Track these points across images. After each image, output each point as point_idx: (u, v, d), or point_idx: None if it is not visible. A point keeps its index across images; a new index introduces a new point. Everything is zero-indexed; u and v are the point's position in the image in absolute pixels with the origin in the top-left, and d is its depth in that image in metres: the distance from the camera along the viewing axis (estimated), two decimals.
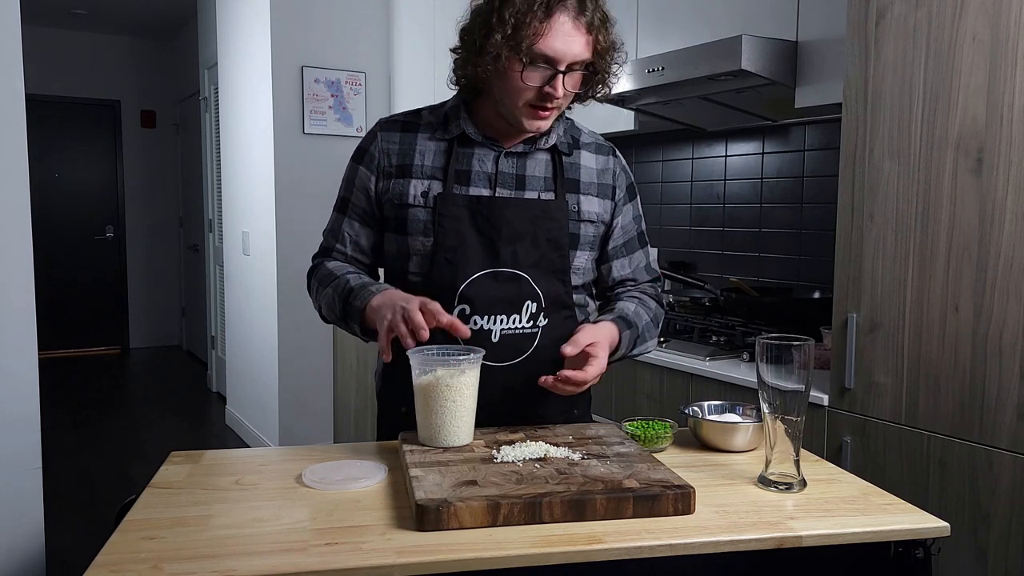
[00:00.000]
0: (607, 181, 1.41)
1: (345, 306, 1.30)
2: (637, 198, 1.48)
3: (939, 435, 1.59)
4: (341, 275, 1.35)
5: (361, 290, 1.29)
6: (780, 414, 1.06)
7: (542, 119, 1.28)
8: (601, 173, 1.41)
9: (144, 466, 3.87)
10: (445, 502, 0.93)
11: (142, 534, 0.92)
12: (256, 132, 4.01)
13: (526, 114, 1.27)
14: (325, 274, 1.38)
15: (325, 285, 1.36)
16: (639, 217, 1.48)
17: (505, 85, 1.26)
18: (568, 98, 1.30)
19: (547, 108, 1.26)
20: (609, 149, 1.45)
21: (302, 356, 3.88)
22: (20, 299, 2.20)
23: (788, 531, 0.94)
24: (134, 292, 7.10)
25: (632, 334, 1.35)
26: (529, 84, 1.24)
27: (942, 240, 1.57)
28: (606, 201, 1.40)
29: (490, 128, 1.34)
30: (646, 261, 1.49)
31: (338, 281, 1.33)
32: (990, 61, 1.48)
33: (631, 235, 1.46)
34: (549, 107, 1.26)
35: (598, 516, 0.96)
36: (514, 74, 1.23)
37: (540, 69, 1.23)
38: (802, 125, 2.50)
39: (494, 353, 1.30)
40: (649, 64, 2.28)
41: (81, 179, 6.83)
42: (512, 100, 1.26)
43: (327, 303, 1.35)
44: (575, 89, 1.29)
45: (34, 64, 5.64)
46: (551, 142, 1.36)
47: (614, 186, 1.42)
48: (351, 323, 1.30)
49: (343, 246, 1.40)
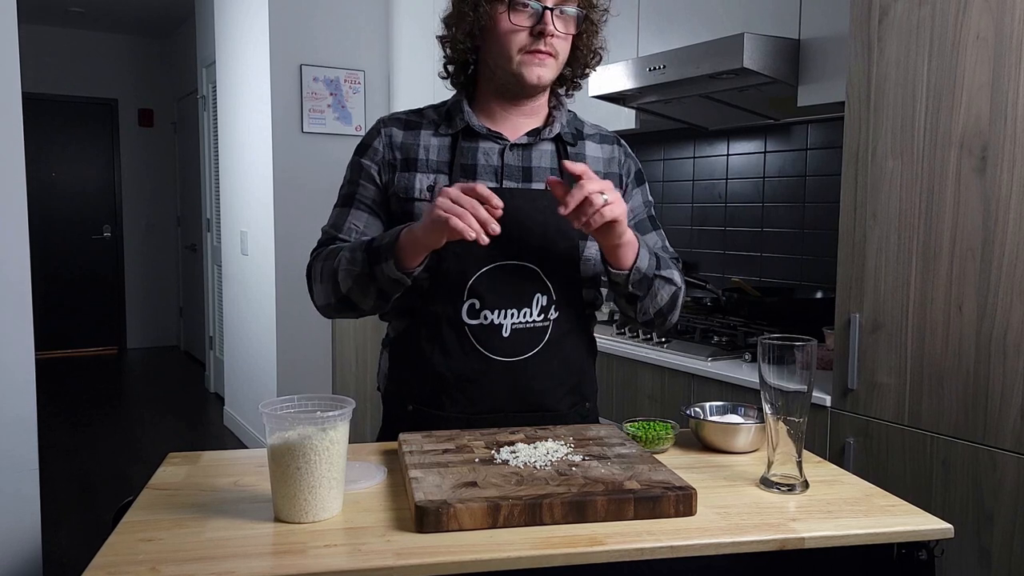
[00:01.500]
0: (614, 170, 1.40)
1: (370, 252, 1.22)
2: (646, 184, 1.46)
3: (942, 436, 1.58)
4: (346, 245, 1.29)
5: (383, 236, 1.23)
6: (782, 415, 1.05)
7: (541, 65, 1.26)
8: (608, 162, 1.40)
9: (142, 467, 3.87)
10: (445, 503, 0.92)
11: (140, 536, 0.91)
12: (254, 131, 4.00)
13: (524, 63, 1.26)
14: (330, 252, 1.31)
15: (335, 256, 1.29)
16: (649, 202, 1.46)
17: (496, 39, 1.26)
18: (564, 47, 1.28)
19: (543, 51, 1.25)
20: (613, 138, 1.44)
21: (301, 356, 3.87)
22: (17, 299, 2.19)
23: (790, 533, 0.94)
24: (131, 292, 7.09)
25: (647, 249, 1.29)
26: (517, 24, 1.24)
27: (946, 239, 1.56)
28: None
29: (493, 121, 1.34)
30: (662, 244, 1.45)
31: (351, 244, 1.28)
32: (994, 59, 1.47)
33: (641, 217, 1.43)
34: (544, 49, 1.25)
35: (599, 518, 0.95)
36: (502, 19, 1.24)
37: (526, 10, 1.23)
38: (804, 124, 2.50)
39: (504, 348, 1.28)
40: (650, 62, 2.27)
41: (78, 178, 6.82)
42: (506, 52, 1.26)
43: (345, 264, 1.25)
44: (568, 32, 1.27)
45: (31, 62, 5.63)
46: (555, 131, 1.35)
47: (621, 174, 1.41)
48: (382, 265, 1.20)
49: (347, 237, 1.35)
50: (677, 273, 1.36)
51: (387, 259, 1.20)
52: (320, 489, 0.96)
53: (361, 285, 1.25)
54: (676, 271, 1.36)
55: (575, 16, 1.27)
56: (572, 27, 1.28)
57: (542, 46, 1.24)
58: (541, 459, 1.08)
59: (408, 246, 1.18)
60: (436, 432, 1.21)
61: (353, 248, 1.26)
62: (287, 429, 0.96)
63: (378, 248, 1.21)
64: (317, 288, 1.33)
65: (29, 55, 3.58)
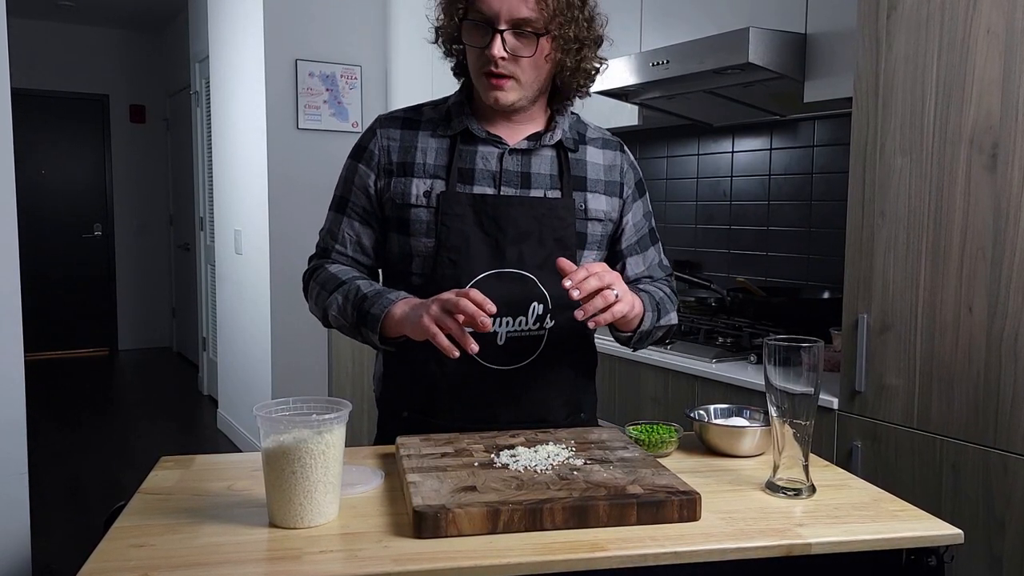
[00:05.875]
0: (615, 178, 1.39)
1: (359, 313, 1.25)
2: (646, 194, 1.46)
3: (952, 439, 1.57)
4: (348, 279, 1.29)
5: (377, 297, 1.24)
6: (788, 418, 1.05)
7: (495, 88, 1.23)
8: (608, 170, 1.38)
9: (133, 471, 3.84)
10: (443, 508, 0.92)
11: (131, 541, 0.91)
12: (248, 127, 3.99)
13: (482, 85, 1.25)
14: (328, 277, 1.32)
15: (330, 290, 1.30)
16: (649, 214, 1.46)
17: (467, 54, 1.27)
18: (526, 68, 1.23)
19: (495, 74, 1.22)
20: (616, 144, 1.42)
21: (296, 358, 3.85)
22: (5, 299, 2.19)
23: (797, 538, 0.93)
24: (123, 292, 7.05)
25: (651, 302, 1.32)
26: (472, 44, 1.23)
27: (955, 238, 1.54)
28: (614, 199, 1.38)
29: (492, 124, 1.32)
30: (659, 258, 1.48)
31: (347, 287, 1.28)
32: (1005, 54, 1.46)
33: (643, 232, 1.44)
34: (495, 71, 1.22)
35: (601, 523, 0.94)
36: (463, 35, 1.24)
37: (479, 29, 1.22)
38: (811, 120, 2.49)
39: (499, 356, 1.28)
40: (653, 57, 2.26)
41: (68, 176, 6.78)
42: (472, 69, 1.26)
43: (337, 309, 1.29)
44: (526, 54, 1.22)
45: (19, 57, 5.56)
46: (556, 138, 1.33)
47: (622, 183, 1.40)
48: (366, 331, 1.25)
49: (343, 247, 1.36)
50: (673, 312, 1.39)
51: (373, 329, 1.23)
52: (316, 493, 0.95)
53: (349, 332, 1.30)
54: (672, 309, 1.39)
55: (532, 36, 1.21)
56: (528, 49, 1.22)
57: (493, 68, 1.22)
58: (542, 463, 1.08)
59: (393, 326, 1.21)
60: (434, 435, 1.22)
61: (346, 295, 1.28)
62: (282, 432, 0.95)
63: (366, 314, 1.24)
64: (310, 305, 1.37)
65: (18, 50, 3.56)
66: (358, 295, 1.26)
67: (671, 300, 1.40)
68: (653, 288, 1.38)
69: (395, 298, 1.22)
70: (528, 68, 1.23)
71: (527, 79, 1.24)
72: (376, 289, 1.27)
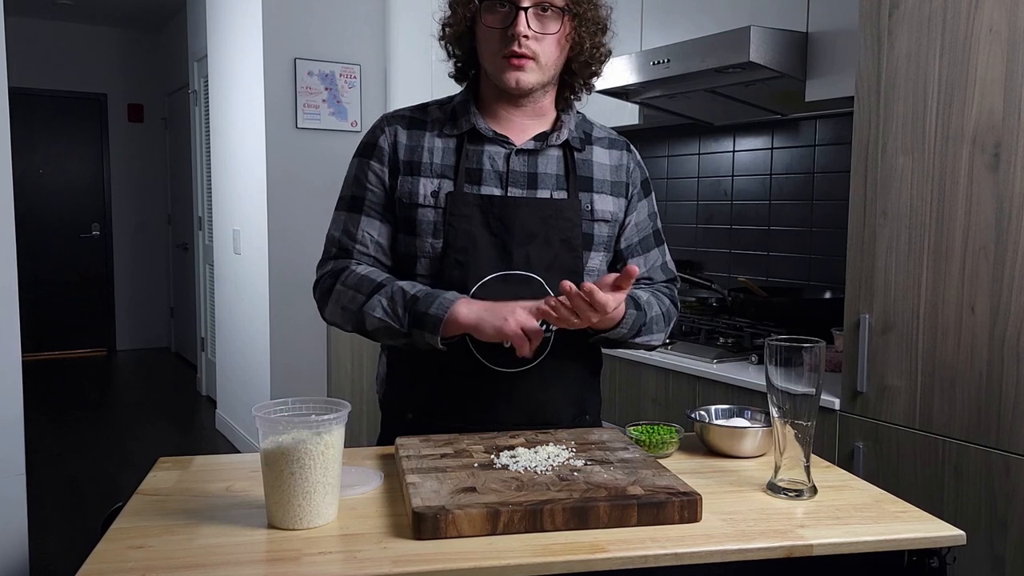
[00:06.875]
0: (621, 178, 1.38)
1: (413, 315, 1.20)
2: (652, 194, 1.44)
3: (954, 440, 1.56)
4: (386, 281, 1.25)
5: (429, 298, 1.20)
6: (790, 418, 1.05)
7: (516, 68, 1.23)
8: (615, 170, 1.38)
9: (131, 472, 3.83)
10: (443, 509, 0.91)
11: (129, 543, 0.91)
12: (247, 127, 3.97)
13: (502, 68, 1.24)
14: (359, 280, 1.26)
15: (367, 292, 1.24)
16: (654, 214, 1.45)
17: (480, 42, 1.26)
18: (548, 48, 1.24)
19: (517, 54, 1.22)
20: (623, 144, 1.42)
21: (295, 359, 3.84)
22: (3, 299, 2.19)
23: (798, 540, 0.93)
24: (121, 292, 7.03)
25: (639, 318, 1.29)
26: (492, 26, 1.23)
27: (958, 238, 1.54)
28: (620, 200, 1.37)
29: (499, 123, 1.31)
30: (662, 260, 1.45)
31: (388, 288, 1.24)
32: (1007, 53, 1.46)
33: (646, 232, 1.42)
34: (519, 51, 1.22)
35: (601, 524, 0.94)
36: (482, 20, 1.23)
37: (501, 11, 1.22)
38: (812, 119, 2.48)
39: (505, 358, 1.27)
40: (654, 56, 2.26)
41: (66, 175, 6.75)
42: (488, 54, 1.26)
43: (383, 312, 1.23)
44: (547, 32, 1.23)
45: (17, 56, 5.56)
46: (563, 138, 1.32)
47: (628, 183, 1.39)
48: (423, 332, 1.20)
49: (364, 247, 1.30)
50: (660, 334, 1.35)
51: (432, 331, 1.19)
52: (315, 495, 0.95)
53: (392, 335, 1.25)
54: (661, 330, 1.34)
55: (557, 14, 1.23)
56: (553, 26, 1.23)
57: (516, 48, 1.22)
58: (542, 464, 1.08)
59: (454, 326, 1.19)
60: (434, 436, 1.21)
61: (391, 297, 1.23)
62: (281, 433, 0.95)
63: (423, 315, 1.20)
64: (332, 310, 1.30)
65: (15, 49, 3.55)
66: (407, 296, 1.22)
67: (665, 317, 1.35)
68: (656, 302, 1.35)
69: (452, 298, 1.20)
70: (550, 47, 1.24)
71: (547, 60, 1.25)
72: (422, 289, 1.23)
